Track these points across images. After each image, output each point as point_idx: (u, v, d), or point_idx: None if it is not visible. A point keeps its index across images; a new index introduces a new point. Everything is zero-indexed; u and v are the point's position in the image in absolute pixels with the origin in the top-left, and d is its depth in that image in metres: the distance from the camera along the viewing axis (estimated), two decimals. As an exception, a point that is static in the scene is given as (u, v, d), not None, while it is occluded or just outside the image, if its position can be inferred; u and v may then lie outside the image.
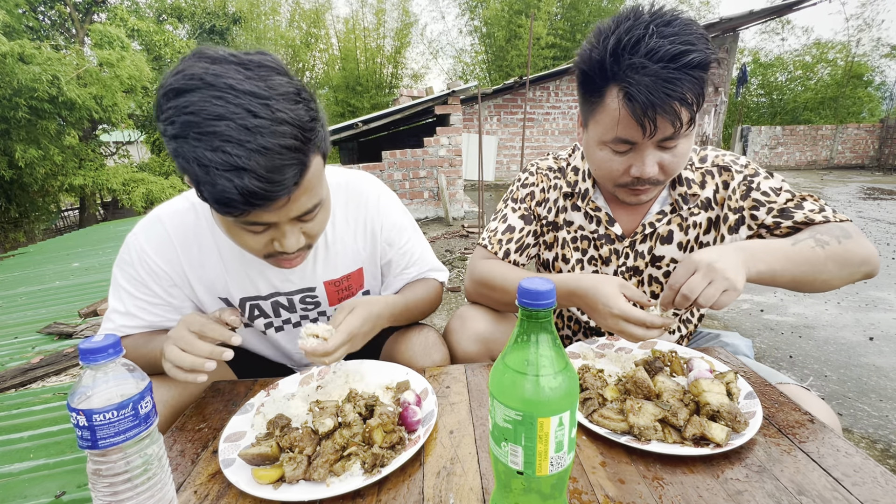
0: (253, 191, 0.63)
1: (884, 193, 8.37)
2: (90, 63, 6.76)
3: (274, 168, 0.63)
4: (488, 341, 1.01)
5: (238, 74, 0.63)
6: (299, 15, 15.50)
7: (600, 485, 0.60)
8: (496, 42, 13.84)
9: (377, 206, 1.02)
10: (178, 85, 0.63)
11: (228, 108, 0.61)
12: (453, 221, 6.47)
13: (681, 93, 0.76)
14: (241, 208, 0.65)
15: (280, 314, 1.02)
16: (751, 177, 0.98)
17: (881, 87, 16.51)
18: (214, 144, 0.61)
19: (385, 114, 6.51)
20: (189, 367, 0.73)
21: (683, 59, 0.75)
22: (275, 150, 0.63)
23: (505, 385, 0.49)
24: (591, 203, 1.06)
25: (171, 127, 0.63)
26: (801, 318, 3.01)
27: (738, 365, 0.88)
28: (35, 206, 7.98)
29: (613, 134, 0.84)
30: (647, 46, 0.76)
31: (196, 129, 0.61)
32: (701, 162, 1.02)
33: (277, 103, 0.64)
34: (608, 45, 0.79)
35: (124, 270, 0.91)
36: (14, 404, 1.70)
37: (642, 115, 0.78)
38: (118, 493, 0.50)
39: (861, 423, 1.90)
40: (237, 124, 0.61)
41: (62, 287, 3.22)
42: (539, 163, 1.15)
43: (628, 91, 0.78)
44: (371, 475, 0.62)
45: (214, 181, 0.62)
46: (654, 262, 1.05)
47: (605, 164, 0.90)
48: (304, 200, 0.73)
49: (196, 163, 0.62)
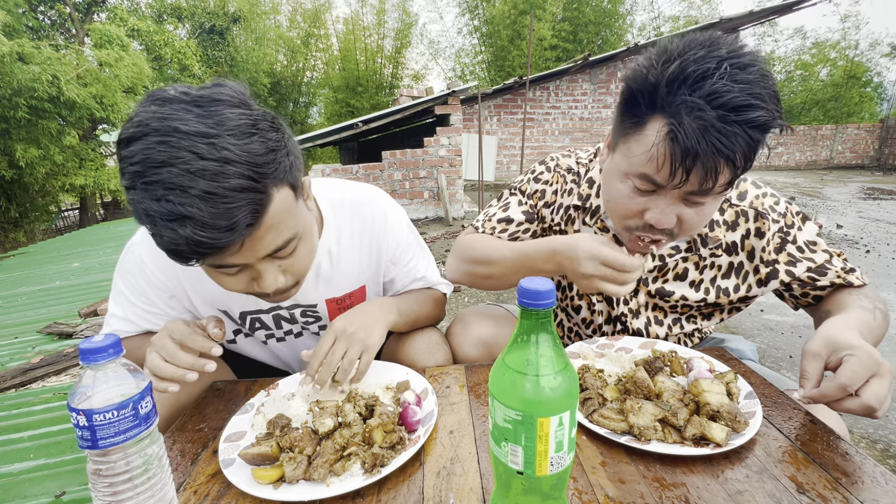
0: (198, 240, 0.59)
1: (884, 193, 8.37)
2: (90, 63, 6.76)
3: (219, 214, 0.59)
4: (490, 345, 1.00)
5: (187, 114, 0.60)
6: (300, 14, 15.51)
7: (600, 485, 0.60)
8: (499, 42, 13.84)
9: (384, 225, 0.99)
10: (127, 134, 0.61)
11: (170, 154, 0.58)
12: (453, 221, 6.47)
13: (731, 150, 0.66)
14: (191, 258, 0.62)
15: (282, 326, 1.02)
16: (788, 228, 0.91)
17: (879, 87, 16.50)
18: (158, 194, 0.58)
19: (385, 114, 6.51)
20: (169, 377, 0.71)
21: (747, 115, 0.65)
22: (220, 194, 0.58)
23: (505, 385, 0.49)
24: (600, 223, 0.99)
25: (123, 178, 0.61)
26: (802, 318, 3.01)
27: (742, 369, 0.88)
28: (35, 206, 7.99)
29: (641, 170, 0.74)
30: (711, 86, 0.65)
31: (142, 178, 0.59)
32: (739, 199, 0.93)
33: (223, 140, 0.59)
34: (668, 71, 0.68)
35: (125, 279, 0.91)
36: (14, 404, 1.70)
37: (679, 161, 0.68)
38: (118, 493, 0.50)
39: (861, 423, 1.90)
40: (180, 170, 0.57)
41: (62, 287, 3.22)
42: (560, 159, 1.06)
43: (673, 129, 0.67)
44: (371, 475, 0.62)
45: (161, 232, 0.60)
46: (662, 295, 0.99)
47: (621, 200, 0.80)
48: (270, 238, 0.68)
49: (144, 214, 0.60)
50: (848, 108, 14.98)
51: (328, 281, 0.96)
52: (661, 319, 1.04)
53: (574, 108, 10.42)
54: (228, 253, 0.64)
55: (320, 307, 0.99)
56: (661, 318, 1.03)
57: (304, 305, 0.98)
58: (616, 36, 14.74)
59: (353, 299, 1.02)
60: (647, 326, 1.04)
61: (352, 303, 1.02)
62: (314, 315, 1.01)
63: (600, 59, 9.84)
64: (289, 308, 0.98)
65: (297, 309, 0.99)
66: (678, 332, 1.05)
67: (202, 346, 0.74)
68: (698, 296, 0.99)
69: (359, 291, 1.03)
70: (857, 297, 0.86)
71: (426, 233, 5.83)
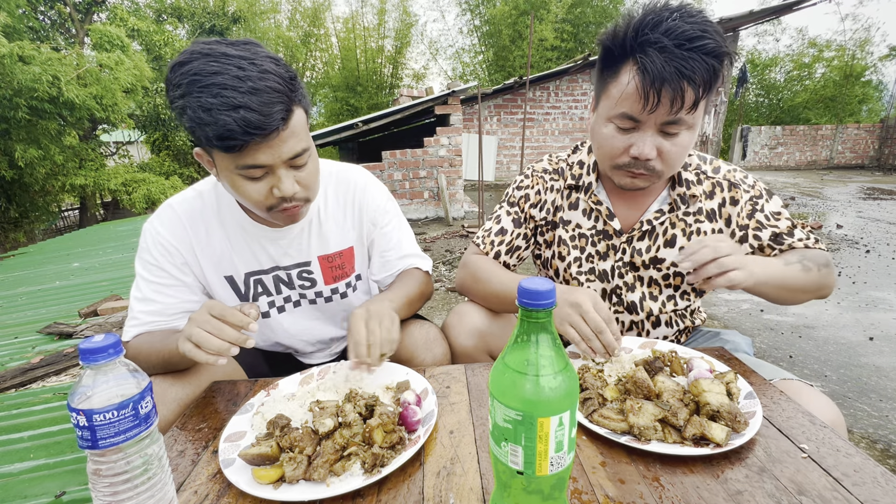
0: (249, 121, 0.75)
1: (884, 193, 8.37)
2: (90, 64, 6.76)
3: (264, 103, 0.76)
4: (484, 335, 1.04)
5: (228, 48, 0.78)
6: (299, 14, 15.51)
7: (600, 485, 0.60)
8: (500, 42, 13.84)
9: (364, 189, 1.11)
10: (181, 59, 0.78)
11: (222, 66, 0.75)
12: (453, 221, 6.47)
13: (690, 72, 0.81)
14: (241, 139, 0.76)
15: (281, 290, 1.08)
16: (756, 198, 1.04)
17: (879, 86, 16.50)
18: (214, 91, 0.74)
19: (385, 114, 6.51)
20: (215, 351, 0.76)
21: (698, 42, 0.80)
22: (263, 90, 0.76)
23: (505, 385, 0.49)
24: (594, 197, 1.08)
25: (178, 90, 0.77)
26: (801, 318, 3.01)
27: (737, 364, 0.88)
28: (35, 206, 7.98)
29: (620, 109, 0.89)
30: (666, 26, 0.82)
31: (198, 84, 0.75)
32: (714, 172, 1.05)
33: (261, 61, 0.78)
34: (631, 24, 0.86)
35: (142, 259, 0.99)
36: (14, 404, 1.70)
37: (650, 85, 0.82)
38: (118, 493, 0.50)
39: (861, 423, 1.90)
40: (231, 76, 0.75)
41: (62, 287, 3.22)
42: (535, 165, 1.19)
43: (642, 63, 0.83)
44: (371, 475, 0.62)
45: (217, 119, 0.74)
46: (655, 263, 1.06)
47: (607, 142, 0.94)
48: (292, 143, 0.83)
49: (201, 109, 0.75)
50: (851, 108, 14.99)
51: (319, 237, 1.07)
52: (655, 295, 1.09)
53: (574, 108, 10.43)
54: (266, 144, 0.79)
55: (314, 266, 1.08)
56: (655, 294, 1.09)
57: (300, 264, 1.07)
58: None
59: (343, 259, 1.11)
60: (641, 301, 1.09)
61: (342, 263, 1.11)
62: (309, 276, 1.09)
63: (600, 59, 9.82)
64: (286, 269, 1.06)
65: (294, 270, 1.07)
66: (672, 309, 1.10)
67: (241, 321, 0.78)
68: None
69: (347, 252, 1.12)
70: (795, 255, 0.99)
71: (426, 233, 5.83)
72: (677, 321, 1.14)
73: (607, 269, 1.09)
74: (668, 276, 1.07)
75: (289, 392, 0.83)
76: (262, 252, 1.03)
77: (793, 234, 1.03)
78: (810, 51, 15.72)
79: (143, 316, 0.96)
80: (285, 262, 1.05)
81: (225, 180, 0.87)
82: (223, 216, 1.00)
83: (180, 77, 0.76)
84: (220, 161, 0.83)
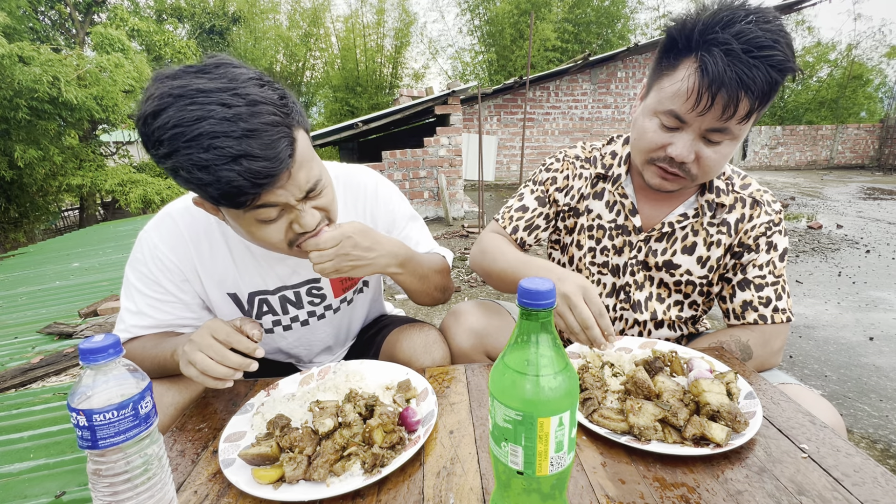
0: (256, 171, 0.66)
1: (884, 193, 8.37)
2: (89, 66, 6.76)
3: (266, 145, 0.66)
4: (481, 335, 1.04)
5: (199, 80, 0.66)
6: (299, 14, 15.50)
7: (600, 485, 0.60)
8: (501, 42, 13.82)
9: (375, 194, 1.04)
10: (151, 109, 0.66)
11: (203, 109, 0.64)
12: (453, 221, 6.46)
13: (751, 81, 0.77)
14: (251, 192, 0.68)
15: (288, 311, 1.02)
16: (774, 225, 1.00)
17: (881, 87, 16.48)
18: (205, 144, 0.64)
19: (385, 114, 6.50)
20: (221, 377, 0.73)
21: (767, 52, 0.76)
22: (260, 129, 0.66)
23: (505, 385, 0.49)
24: (620, 189, 1.06)
25: (160, 148, 0.66)
26: (801, 318, 3.01)
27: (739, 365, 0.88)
28: (35, 206, 7.97)
29: (669, 105, 0.85)
30: (739, 28, 0.77)
31: (183, 138, 0.64)
32: (742, 189, 1.02)
33: (243, 88, 0.67)
34: (703, 17, 0.80)
35: (136, 269, 0.91)
36: (14, 404, 1.70)
37: (705, 88, 0.79)
38: (118, 493, 0.50)
39: (861, 423, 1.90)
40: (217, 119, 0.64)
41: (62, 287, 3.22)
42: (567, 150, 1.17)
43: (703, 62, 0.79)
44: (371, 475, 0.62)
45: (218, 177, 0.65)
46: (669, 267, 1.05)
47: (647, 135, 0.91)
48: (304, 174, 0.75)
49: (195, 168, 0.65)
50: (855, 108, 14.98)
51: None
52: (662, 297, 1.09)
53: (574, 107, 10.42)
54: (279, 185, 0.71)
55: (324, 282, 1.02)
56: (663, 296, 1.09)
57: (310, 280, 1.00)
58: (618, 36, 14.75)
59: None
60: (647, 300, 1.09)
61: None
62: (318, 292, 1.03)
63: (600, 59, 9.84)
64: (294, 287, 0.99)
65: (303, 287, 1.00)
66: (676, 315, 1.09)
67: (247, 347, 0.75)
68: (702, 272, 1.04)
69: None
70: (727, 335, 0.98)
71: (426, 233, 5.82)
72: (680, 326, 1.13)
73: (620, 265, 1.09)
74: (680, 282, 1.06)
75: (289, 392, 0.83)
76: (270, 272, 0.97)
77: (762, 289, 0.98)
78: (814, 51, 15.71)
79: (136, 330, 0.91)
80: (293, 280, 0.99)
81: (236, 228, 0.79)
82: (227, 232, 0.93)
83: (158, 132, 0.65)
84: (227, 211, 0.76)
